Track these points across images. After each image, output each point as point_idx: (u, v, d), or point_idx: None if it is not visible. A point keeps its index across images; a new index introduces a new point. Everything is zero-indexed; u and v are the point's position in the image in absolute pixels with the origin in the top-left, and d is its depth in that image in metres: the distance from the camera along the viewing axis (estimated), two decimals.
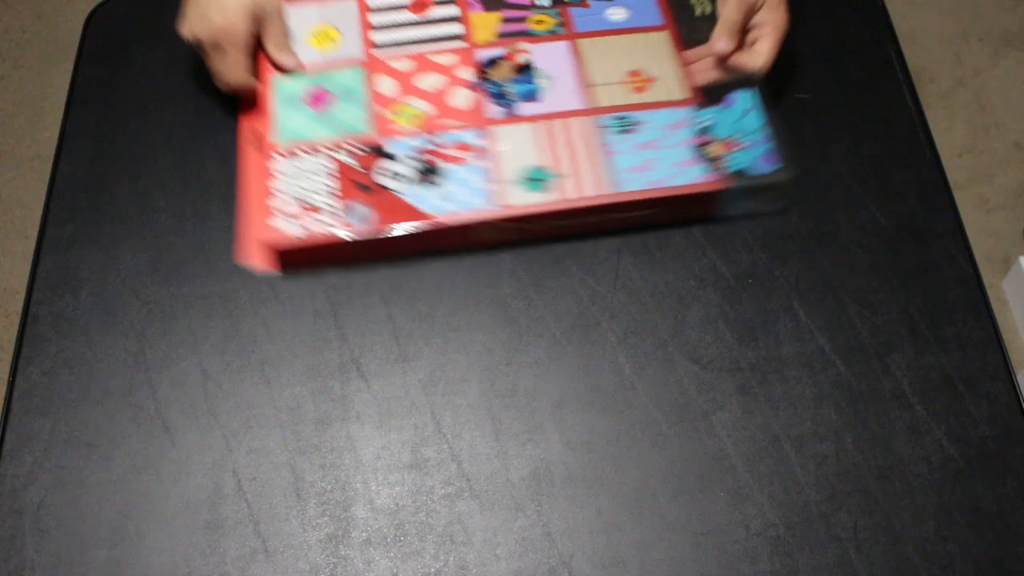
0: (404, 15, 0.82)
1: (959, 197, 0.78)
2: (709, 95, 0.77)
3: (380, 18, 0.82)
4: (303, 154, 0.74)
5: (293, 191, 0.72)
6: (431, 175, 0.73)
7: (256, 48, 0.78)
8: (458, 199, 0.71)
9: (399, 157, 0.74)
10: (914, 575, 0.62)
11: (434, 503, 0.64)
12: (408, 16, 0.82)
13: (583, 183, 0.72)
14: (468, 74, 0.78)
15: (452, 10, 0.82)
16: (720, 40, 0.76)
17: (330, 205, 0.71)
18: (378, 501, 0.64)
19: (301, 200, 0.71)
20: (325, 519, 0.64)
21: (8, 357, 1.46)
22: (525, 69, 0.78)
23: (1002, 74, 1.80)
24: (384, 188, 0.72)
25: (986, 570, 0.63)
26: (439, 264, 0.73)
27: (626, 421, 0.67)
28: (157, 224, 0.75)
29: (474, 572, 0.62)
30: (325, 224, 0.70)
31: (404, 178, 0.72)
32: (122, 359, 0.69)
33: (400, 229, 0.70)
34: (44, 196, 0.77)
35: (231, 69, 0.76)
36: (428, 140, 0.74)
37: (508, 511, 0.64)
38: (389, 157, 0.73)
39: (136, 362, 0.69)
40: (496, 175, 0.73)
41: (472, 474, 0.65)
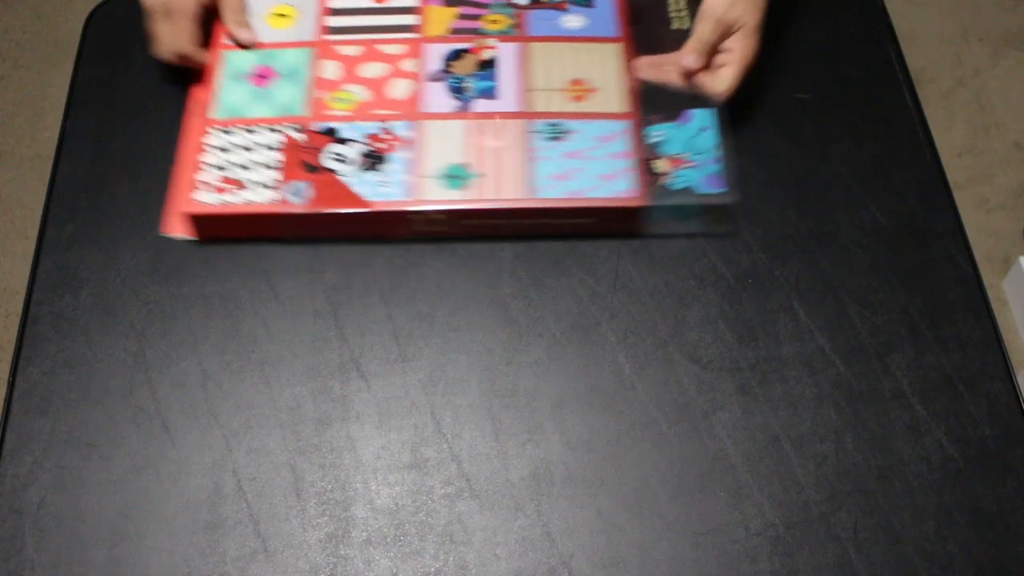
0: (364, 1, 0.82)
1: (959, 197, 0.78)
2: (668, 109, 0.76)
3: (340, 2, 0.82)
4: (237, 129, 0.75)
5: (221, 164, 0.73)
6: (374, 162, 0.73)
7: (205, 19, 0.78)
8: (385, 189, 0.72)
9: (349, 141, 0.74)
10: (914, 575, 0.62)
11: (434, 503, 0.64)
12: (368, 3, 0.82)
13: (500, 185, 0.72)
14: (413, 65, 0.78)
15: (412, 1, 0.82)
16: (689, 56, 0.75)
17: (256, 180, 0.72)
18: (378, 501, 0.64)
19: (227, 174, 0.72)
20: (325, 519, 0.64)
21: (8, 357, 1.46)
22: (488, 65, 0.78)
23: (1002, 74, 1.80)
24: (328, 170, 0.73)
25: (986, 570, 0.63)
26: (439, 264, 0.73)
27: (626, 421, 0.67)
28: (157, 224, 0.75)
29: (474, 572, 0.62)
30: (243, 197, 0.71)
31: (348, 162, 0.73)
32: (122, 359, 0.69)
33: (298, 208, 0.71)
34: (44, 196, 0.77)
35: (176, 37, 0.76)
36: (380, 128, 0.75)
37: (508, 511, 0.64)
38: (341, 141, 0.74)
39: (136, 362, 0.69)
40: (417, 168, 0.73)
41: (472, 474, 0.65)
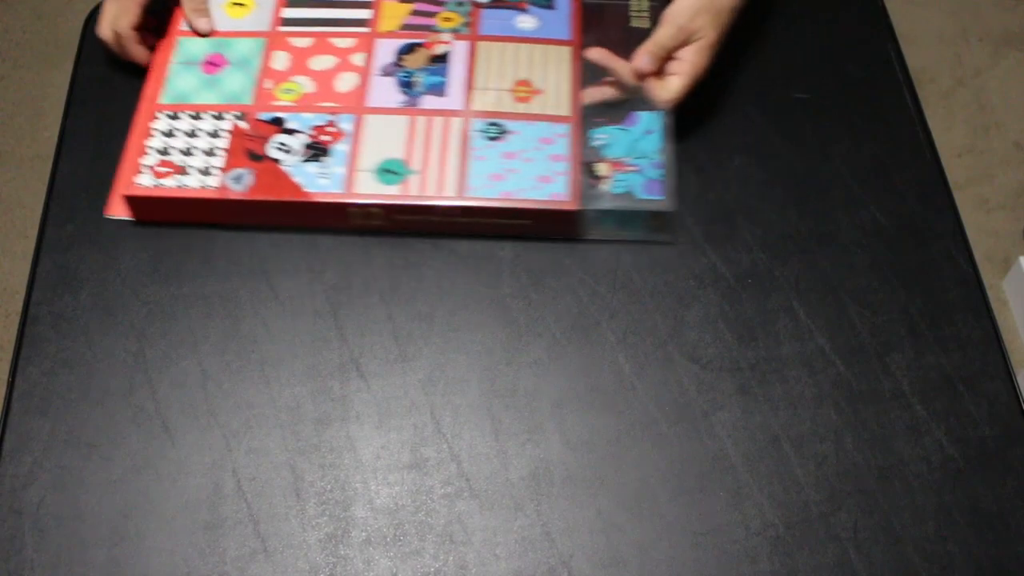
0: None
1: (959, 197, 0.78)
2: (614, 112, 0.76)
3: None
4: (184, 115, 0.75)
5: (164, 148, 0.73)
6: (317, 153, 0.73)
7: (150, 5, 0.78)
8: (323, 181, 0.72)
9: (295, 132, 0.74)
10: (914, 575, 0.62)
11: (434, 503, 0.64)
12: None
13: (432, 183, 0.72)
14: (361, 60, 0.78)
15: None
16: (644, 57, 0.75)
17: (195, 166, 0.73)
18: (378, 501, 0.64)
19: (169, 158, 0.73)
20: (325, 519, 0.64)
21: (8, 357, 1.46)
22: (439, 60, 0.78)
23: (1002, 74, 1.80)
24: (271, 159, 0.73)
25: (986, 570, 0.63)
26: (439, 264, 0.73)
27: (626, 421, 0.67)
28: (158, 224, 0.75)
29: (473, 572, 0.62)
30: (180, 182, 0.72)
31: (292, 152, 0.73)
32: (122, 359, 0.69)
33: (234, 194, 0.72)
34: (44, 196, 0.77)
35: (118, 17, 0.77)
36: (327, 120, 0.75)
37: (508, 511, 0.64)
38: (287, 131, 0.74)
39: (136, 362, 0.69)
40: (353, 162, 0.73)
41: (472, 474, 0.65)
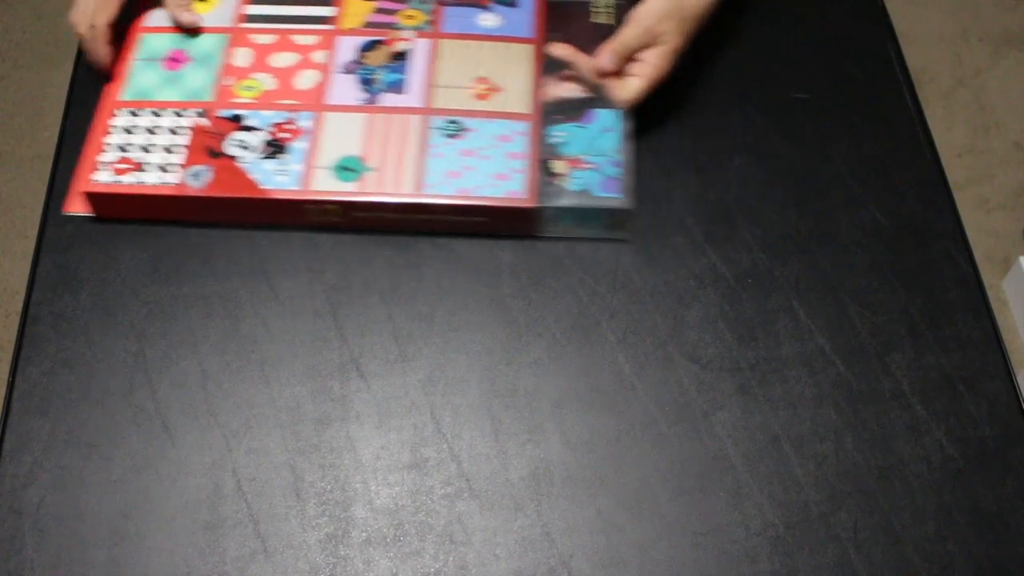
0: None
1: (959, 197, 0.78)
2: (573, 109, 0.76)
3: None
4: (144, 112, 0.76)
5: (124, 145, 0.74)
6: (275, 150, 0.73)
7: (122, 6, 0.79)
8: (281, 178, 0.72)
9: (254, 129, 0.75)
10: (914, 575, 0.62)
11: (434, 503, 0.64)
12: None
13: (389, 180, 0.72)
14: (323, 57, 0.79)
15: None
16: (607, 55, 0.75)
17: (154, 163, 0.73)
18: (378, 501, 0.64)
19: (128, 155, 0.73)
20: (325, 519, 0.64)
21: (8, 357, 1.46)
22: (400, 58, 0.78)
23: (1002, 74, 1.80)
24: (229, 156, 0.73)
25: (986, 570, 0.63)
26: (439, 264, 0.73)
27: (626, 421, 0.67)
28: (157, 224, 0.75)
29: (474, 572, 0.62)
30: (137, 179, 0.72)
31: (250, 149, 0.73)
32: (122, 359, 0.69)
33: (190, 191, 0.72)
34: (44, 196, 0.77)
35: (97, 12, 0.77)
36: (286, 117, 0.75)
37: (508, 511, 0.64)
38: (246, 128, 0.75)
39: (136, 362, 0.69)
40: (311, 159, 0.73)
41: (472, 474, 0.65)
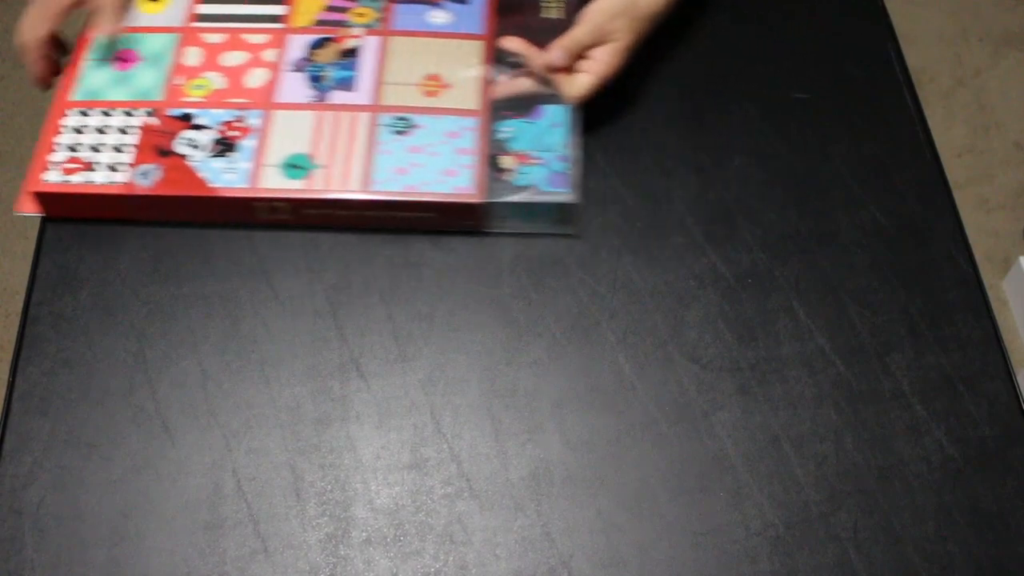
0: None
1: (959, 197, 0.78)
2: (521, 105, 0.76)
3: None
4: (94, 112, 0.76)
5: (74, 145, 0.74)
6: (224, 148, 0.73)
7: (63, 15, 0.79)
8: (229, 176, 0.72)
9: (204, 128, 0.75)
10: (914, 575, 0.62)
11: (434, 503, 0.64)
12: None
13: (337, 177, 0.72)
14: (273, 55, 0.79)
15: None
16: (557, 51, 0.74)
17: (104, 162, 0.73)
18: (378, 501, 0.64)
19: (78, 154, 0.73)
20: (325, 519, 0.64)
21: (8, 357, 1.46)
22: (350, 55, 0.78)
23: (1002, 74, 1.80)
24: (178, 155, 0.73)
25: (986, 570, 0.63)
26: (439, 264, 0.73)
27: (626, 421, 0.67)
28: (157, 224, 0.75)
29: (474, 572, 0.62)
30: (86, 178, 0.72)
31: (200, 148, 0.73)
32: (122, 359, 0.69)
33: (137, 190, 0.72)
34: None
35: (35, 25, 0.77)
36: (235, 115, 0.75)
37: (508, 511, 0.64)
38: (196, 127, 0.75)
39: (136, 362, 0.69)
40: (260, 157, 0.73)
41: (472, 474, 0.65)
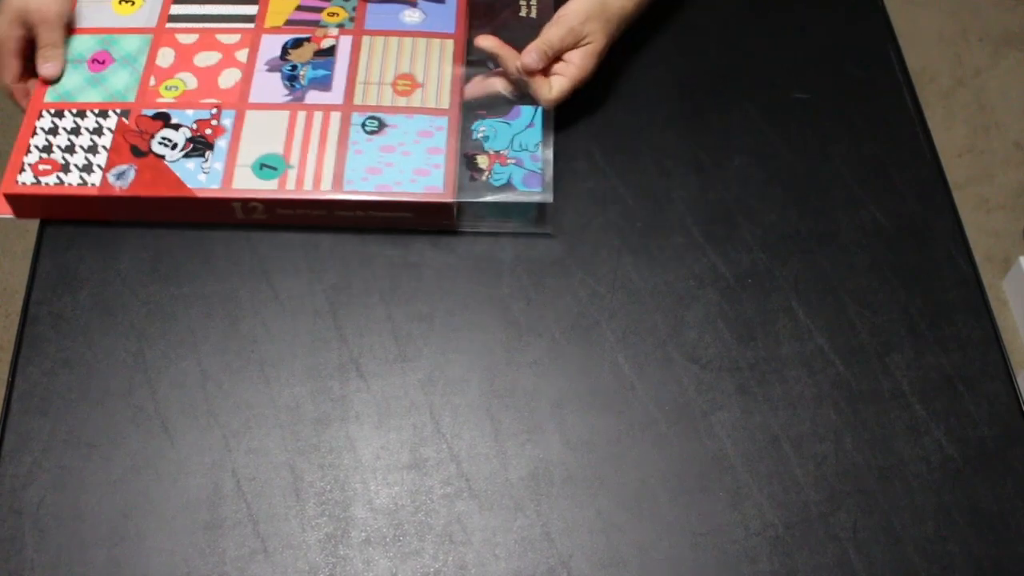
0: None
1: (959, 197, 0.78)
2: (496, 105, 0.77)
3: None
4: (68, 113, 0.75)
5: (48, 146, 0.74)
6: (199, 148, 0.73)
7: (28, 52, 0.78)
8: (203, 176, 0.72)
9: (180, 127, 0.75)
10: (914, 575, 0.62)
11: (433, 503, 0.64)
12: None
13: (310, 177, 0.72)
14: (245, 56, 0.79)
15: None
16: (532, 54, 0.74)
17: (77, 163, 0.73)
18: (377, 501, 0.64)
19: (52, 156, 0.73)
20: (324, 519, 0.64)
21: (8, 357, 1.45)
22: (325, 54, 0.78)
23: (1002, 74, 1.80)
24: (154, 155, 0.73)
25: (986, 570, 0.63)
26: (439, 264, 0.73)
27: (625, 421, 0.67)
28: (155, 224, 0.75)
29: (473, 572, 0.62)
30: (59, 179, 0.72)
31: (175, 148, 0.73)
32: (122, 359, 0.69)
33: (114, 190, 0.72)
34: None
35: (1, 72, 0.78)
36: (210, 115, 0.75)
37: (507, 511, 0.64)
38: (172, 127, 0.75)
39: (136, 362, 0.69)
40: (233, 157, 0.73)
41: (471, 474, 0.65)
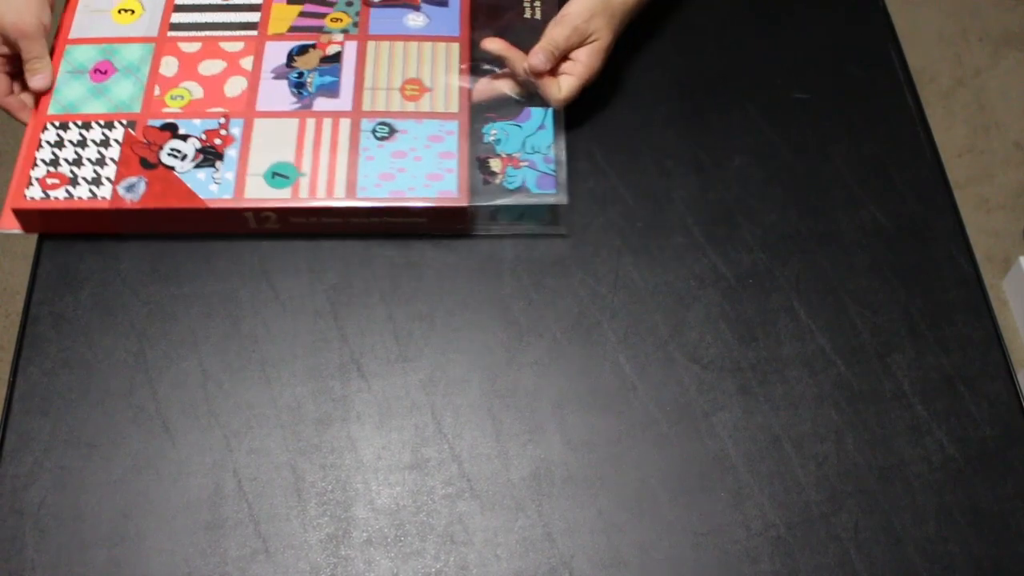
0: None
1: (959, 197, 0.78)
2: (507, 107, 0.76)
3: None
4: (72, 125, 0.75)
5: (54, 160, 0.73)
6: (209, 159, 0.73)
7: (14, 70, 0.78)
8: (215, 187, 0.72)
9: (189, 137, 0.74)
10: (914, 575, 0.62)
11: (435, 503, 0.64)
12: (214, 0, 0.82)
13: (323, 185, 0.72)
14: (250, 63, 0.78)
15: None
16: (539, 55, 0.74)
17: (85, 176, 0.72)
18: (378, 501, 0.64)
19: (59, 169, 0.73)
20: (326, 519, 0.64)
21: (8, 357, 1.46)
22: (331, 60, 0.78)
23: (1002, 74, 1.80)
24: (164, 166, 0.73)
25: (986, 570, 0.63)
26: (439, 264, 0.73)
27: (626, 421, 0.67)
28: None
29: (474, 572, 0.62)
30: (68, 193, 0.72)
31: (185, 159, 0.73)
32: (122, 359, 0.69)
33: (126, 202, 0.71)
34: None
35: None
36: (219, 124, 0.75)
37: (509, 511, 0.64)
38: (181, 137, 0.74)
39: (136, 362, 0.69)
40: (244, 166, 0.73)
41: (473, 474, 0.65)
